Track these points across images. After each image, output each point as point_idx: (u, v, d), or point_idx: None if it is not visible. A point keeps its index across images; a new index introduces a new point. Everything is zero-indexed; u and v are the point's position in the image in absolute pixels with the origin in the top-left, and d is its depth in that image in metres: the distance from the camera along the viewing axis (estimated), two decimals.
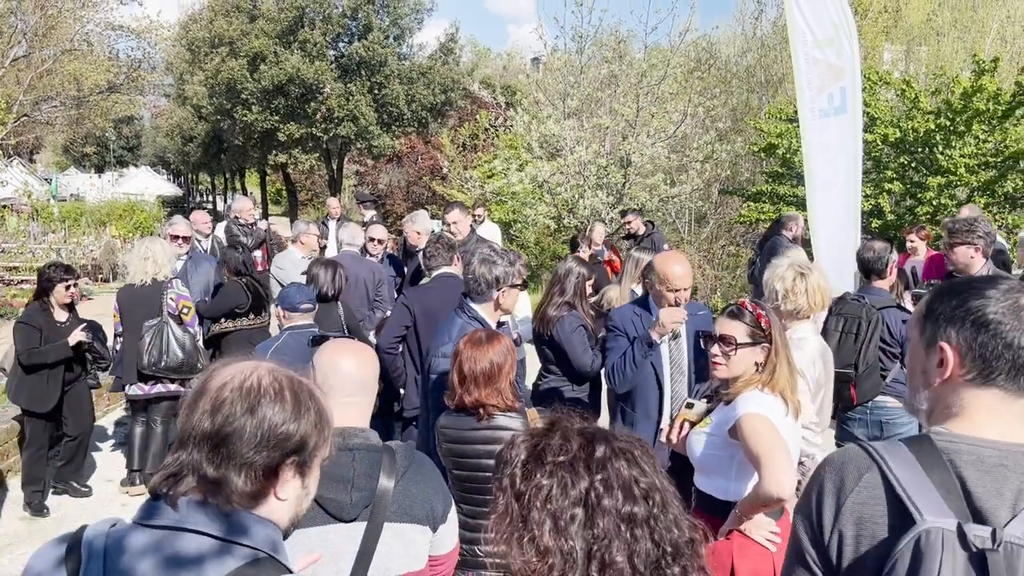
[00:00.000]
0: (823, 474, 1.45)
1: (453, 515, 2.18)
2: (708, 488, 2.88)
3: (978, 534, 1.22)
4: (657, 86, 14.71)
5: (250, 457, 1.29)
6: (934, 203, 11.46)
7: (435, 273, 4.98)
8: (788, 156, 12.71)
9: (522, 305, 5.78)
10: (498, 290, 3.70)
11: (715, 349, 2.89)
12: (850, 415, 4.47)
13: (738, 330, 2.84)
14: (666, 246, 9.93)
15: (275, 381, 1.34)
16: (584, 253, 8.10)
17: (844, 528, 1.37)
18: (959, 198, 11.68)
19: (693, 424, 3.03)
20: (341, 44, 23.87)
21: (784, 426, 2.73)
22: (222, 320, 6.08)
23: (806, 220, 8.45)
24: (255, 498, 1.31)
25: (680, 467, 3.08)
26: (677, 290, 3.71)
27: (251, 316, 6.11)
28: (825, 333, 4.49)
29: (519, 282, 3.85)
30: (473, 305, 3.73)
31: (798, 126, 11.76)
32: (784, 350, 2.80)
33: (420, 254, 5.76)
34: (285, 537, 1.37)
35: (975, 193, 11.64)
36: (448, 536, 2.17)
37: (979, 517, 1.27)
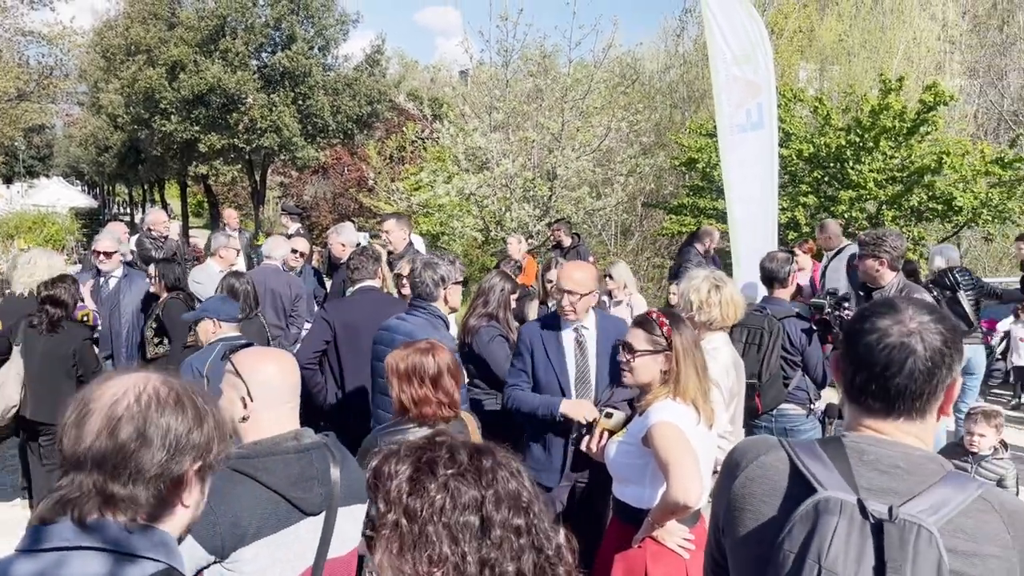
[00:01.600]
0: (729, 459, 1.56)
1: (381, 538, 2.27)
2: (624, 496, 2.91)
3: (877, 508, 1.28)
4: (581, 100, 14.91)
5: (158, 469, 1.27)
6: (846, 216, 11.90)
7: (358, 286, 4.87)
8: (708, 170, 13.03)
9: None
10: (444, 288, 3.93)
11: (620, 357, 2.96)
12: (755, 423, 4.56)
13: (639, 338, 2.90)
14: (591, 258, 10.03)
15: (171, 391, 1.33)
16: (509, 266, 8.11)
17: (732, 503, 1.48)
18: (869, 211, 12.17)
19: (612, 433, 3.06)
20: (264, 54, 23.44)
21: (695, 434, 2.77)
22: (158, 341, 5.59)
23: (725, 233, 8.68)
24: (162, 509, 1.31)
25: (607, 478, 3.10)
26: (564, 292, 3.68)
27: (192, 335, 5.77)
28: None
29: (461, 278, 4.06)
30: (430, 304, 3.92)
31: (717, 141, 12.14)
32: (689, 359, 2.84)
33: (345, 267, 5.65)
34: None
35: (884, 206, 12.14)
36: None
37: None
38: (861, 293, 5.18)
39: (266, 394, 2.14)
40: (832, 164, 12.38)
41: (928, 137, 12.33)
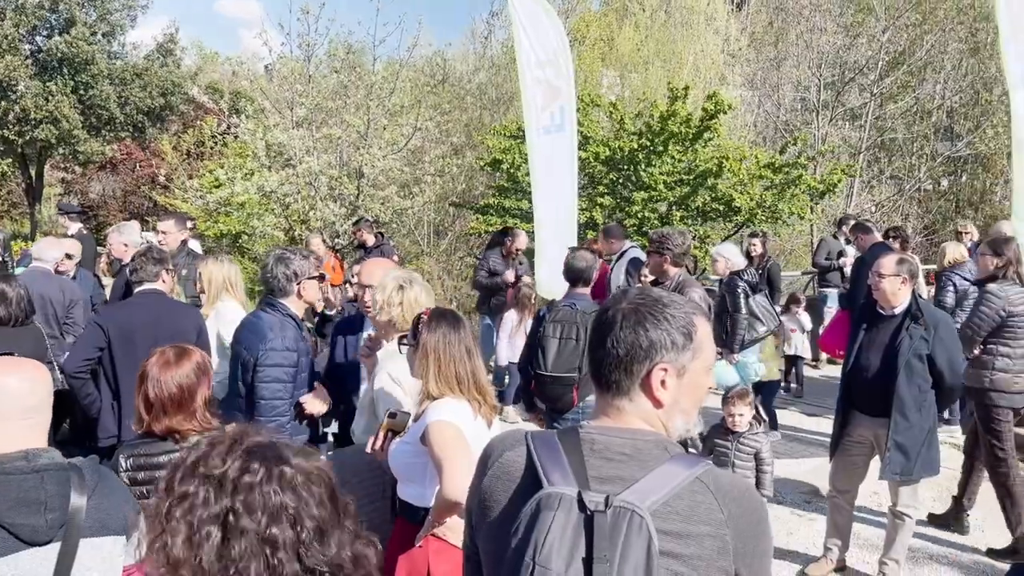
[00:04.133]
0: (483, 454, 1.60)
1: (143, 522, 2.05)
2: (406, 495, 2.91)
3: (594, 499, 1.33)
4: (388, 98, 14.77)
5: None
6: (639, 216, 12.56)
7: (138, 289, 4.55)
8: (512, 171, 13.29)
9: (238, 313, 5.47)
10: (298, 283, 3.90)
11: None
12: (564, 417, 4.67)
13: (409, 336, 2.96)
14: (395, 257, 9.92)
15: None
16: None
17: (480, 497, 1.53)
18: (660, 211, 12.92)
19: (396, 433, 3.04)
20: (39, 38, 21.28)
21: (473, 431, 2.78)
22: None
23: (531, 233, 8.88)
24: None
25: None
26: (365, 287, 3.78)
27: None
28: (544, 339, 4.69)
29: (316, 274, 4.04)
30: (283, 301, 3.89)
31: (522, 142, 12.47)
32: (432, 357, 2.83)
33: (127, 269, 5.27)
34: None
35: (673, 207, 12.93)
36: (141, 543, 2.05)
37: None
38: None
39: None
40: (626, 167, 13.03)
41: (711, 143, 13.29)
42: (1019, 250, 4.92)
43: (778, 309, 8.52)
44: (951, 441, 6.66)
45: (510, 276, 8.03)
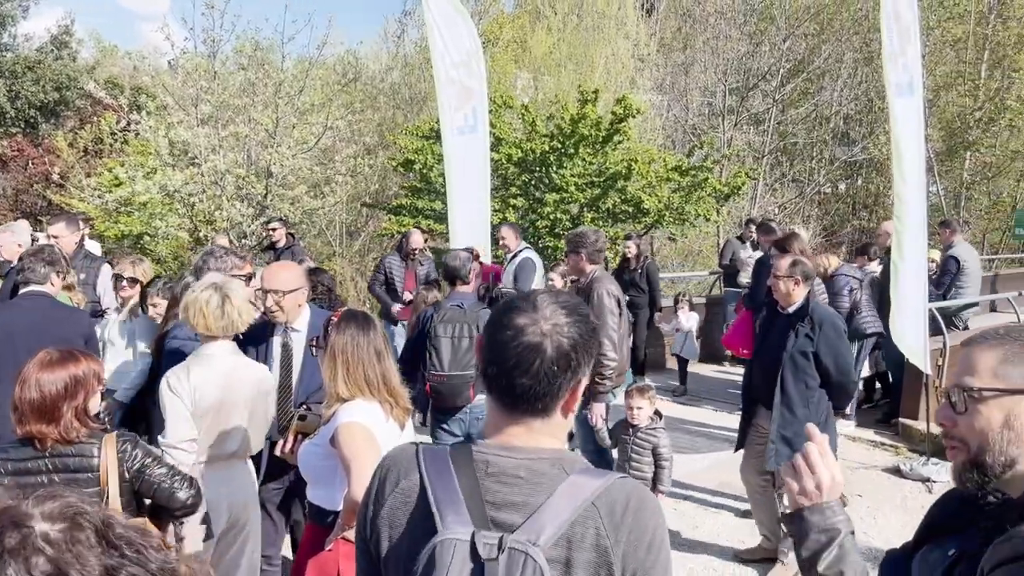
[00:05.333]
0: (377, 473, 1.53)
1: None
2: (316, 499, 2.89)
3: (487, 542, 1.31)
4: (297, 97, 14.49)
5: None
6: (551, 217, 12.70)
7: (24, 290, 4.34)
8: (425, 171, 13.22)
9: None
10: None
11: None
12: (452, 418, 4.70)
13: (320, 338, 2.93)
14: (306, 257, 9.74)
15: None
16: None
17: (381, 529, 1.46)
18: (572, 213, 13.08)
19: (306, 436, 3.02)
20: None
21: (384, 434, 2.77)
22: None
23: (445, 234, 8.85)
24: None
25: None
26: (268, 292, 3.70)
27: None
28: (437, 339, 4.70)
29: (241, 273, 3.98)
30: None
31: (434, 142, 12.42)
32: (347, 357, 2.81)
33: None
34: None
35: (584, 209, 13.12)
36: None
37: (500, 525, 1.36)
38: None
39: None
40: (539, 168, 13.14)
41: (621, 146, 13.54)
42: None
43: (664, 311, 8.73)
44: (845, 433, 6.98)
45: (396, 308, 8.00)
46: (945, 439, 1.53)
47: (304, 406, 3.42)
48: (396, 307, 7.99)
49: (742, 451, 4.84)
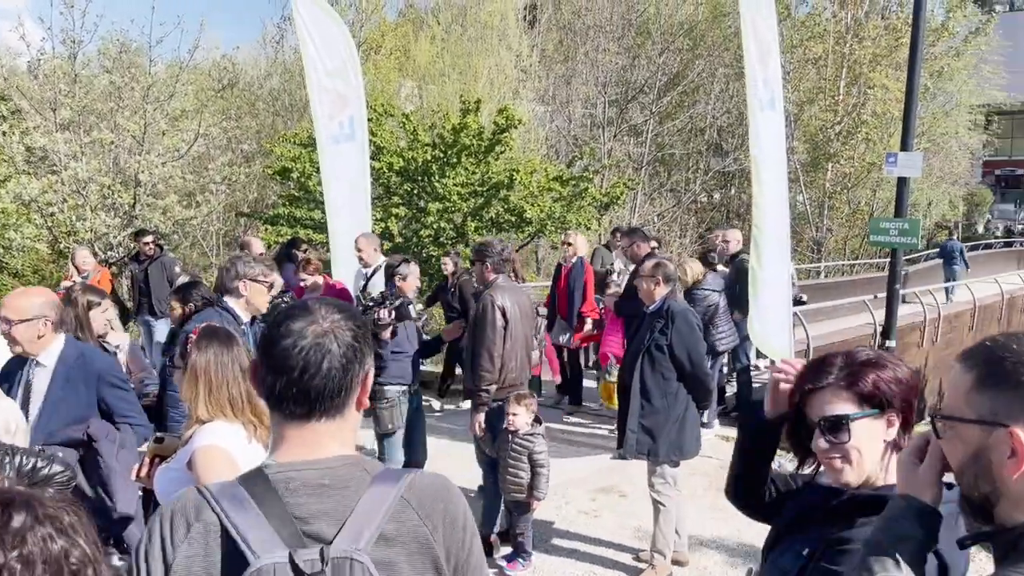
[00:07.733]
0: (156, 527, 1.36)
1: None
2: None
3: (308, 558, 1.27)
4: (167, 102, 13.89)
5: None
6: (435, 226, 12.67)
7: None
8: (303, 180, 12.94)
9: None
10: None
11: None
12: None
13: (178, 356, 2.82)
14: (177, 269, 9.34)
15: None
16: None
17: None
18: (456, 222, 13.10)
19: (164, 459, 2.87)
20: None
21: (246, 455, 2.65)
22: None
23: (325, 243, 8.63)
24: None
25: None
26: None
27: None
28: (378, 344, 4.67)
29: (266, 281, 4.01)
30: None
31: (313, 150, 12.15)
32: (210, 377, 2.70)
33: None
34: None
35: (468, 218, 13.15)
36: None
37: (315, 539, 1.31)
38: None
39: None
40: (421, 177, 13.09)
41: (503, 156, 13.67)
42: None
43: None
44: (716, 434, 7.24)
45: None
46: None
47: (39, 448, 3.18)
48: None
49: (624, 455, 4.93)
